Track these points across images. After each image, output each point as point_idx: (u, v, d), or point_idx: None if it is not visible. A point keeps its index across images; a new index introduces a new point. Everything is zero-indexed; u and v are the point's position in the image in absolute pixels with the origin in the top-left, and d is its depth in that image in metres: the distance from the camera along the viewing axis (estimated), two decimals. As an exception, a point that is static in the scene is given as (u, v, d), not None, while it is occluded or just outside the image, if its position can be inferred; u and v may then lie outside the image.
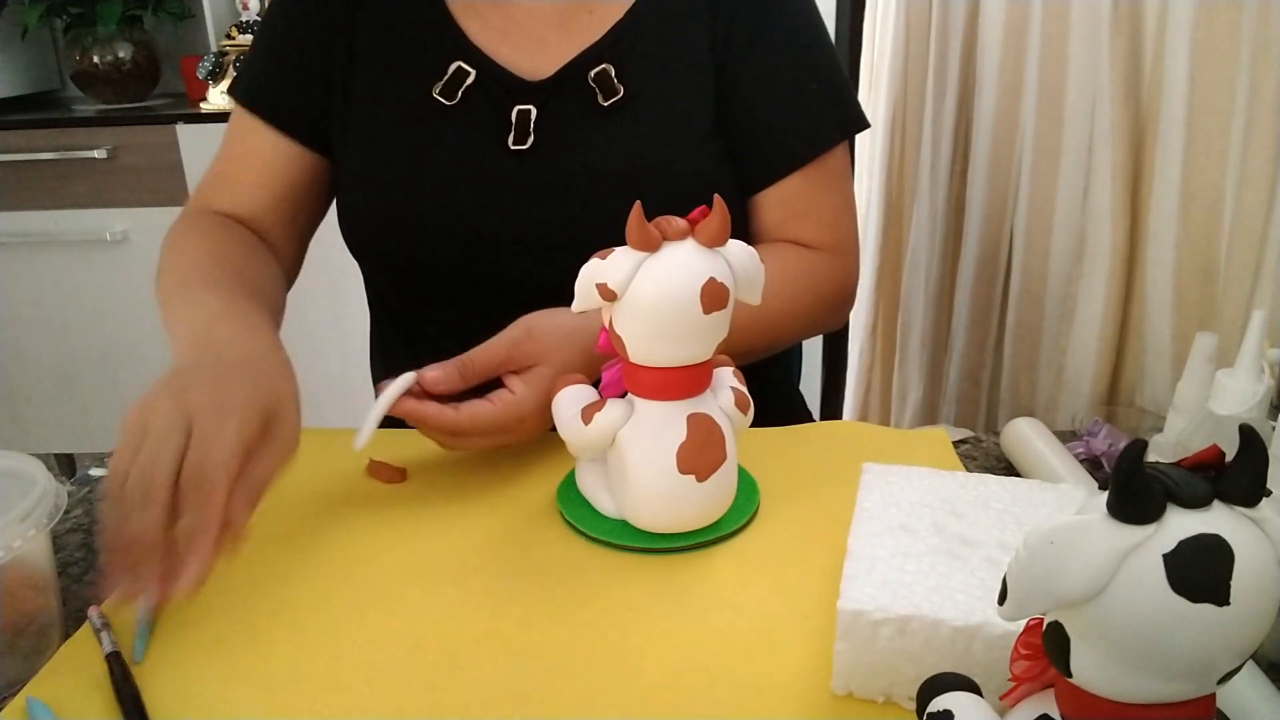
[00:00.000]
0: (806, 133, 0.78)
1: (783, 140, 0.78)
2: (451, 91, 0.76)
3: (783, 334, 0.78)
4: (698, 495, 0.57)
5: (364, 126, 0.78)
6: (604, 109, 0.75)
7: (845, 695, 0.46)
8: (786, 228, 0.79)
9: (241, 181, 0.81)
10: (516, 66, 0.76)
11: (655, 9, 0.77)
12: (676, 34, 0.76)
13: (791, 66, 0.78)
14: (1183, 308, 1.09)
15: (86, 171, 1.80)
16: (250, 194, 0.80)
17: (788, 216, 0.79)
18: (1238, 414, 0.61)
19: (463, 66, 0.76)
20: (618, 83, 0.75)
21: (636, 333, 0.53)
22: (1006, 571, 0.31)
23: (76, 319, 1.92)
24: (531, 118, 0.75)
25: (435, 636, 0.51)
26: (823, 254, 0.79)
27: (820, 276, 0.79)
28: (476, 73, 0.76)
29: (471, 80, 0.76)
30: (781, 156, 0.78)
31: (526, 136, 0.75)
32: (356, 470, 0.68)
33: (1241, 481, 0.29)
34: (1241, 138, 1.00)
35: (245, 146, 0.81)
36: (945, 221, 1.31)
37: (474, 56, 0.76)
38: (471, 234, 0.76)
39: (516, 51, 0.77)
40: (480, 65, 0.76)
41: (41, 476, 0.50)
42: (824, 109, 0.79)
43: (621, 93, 0.75)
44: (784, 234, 0.79)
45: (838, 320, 0.85)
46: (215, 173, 0.82)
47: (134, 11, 1.95)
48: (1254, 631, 0.29)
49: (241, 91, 0.81)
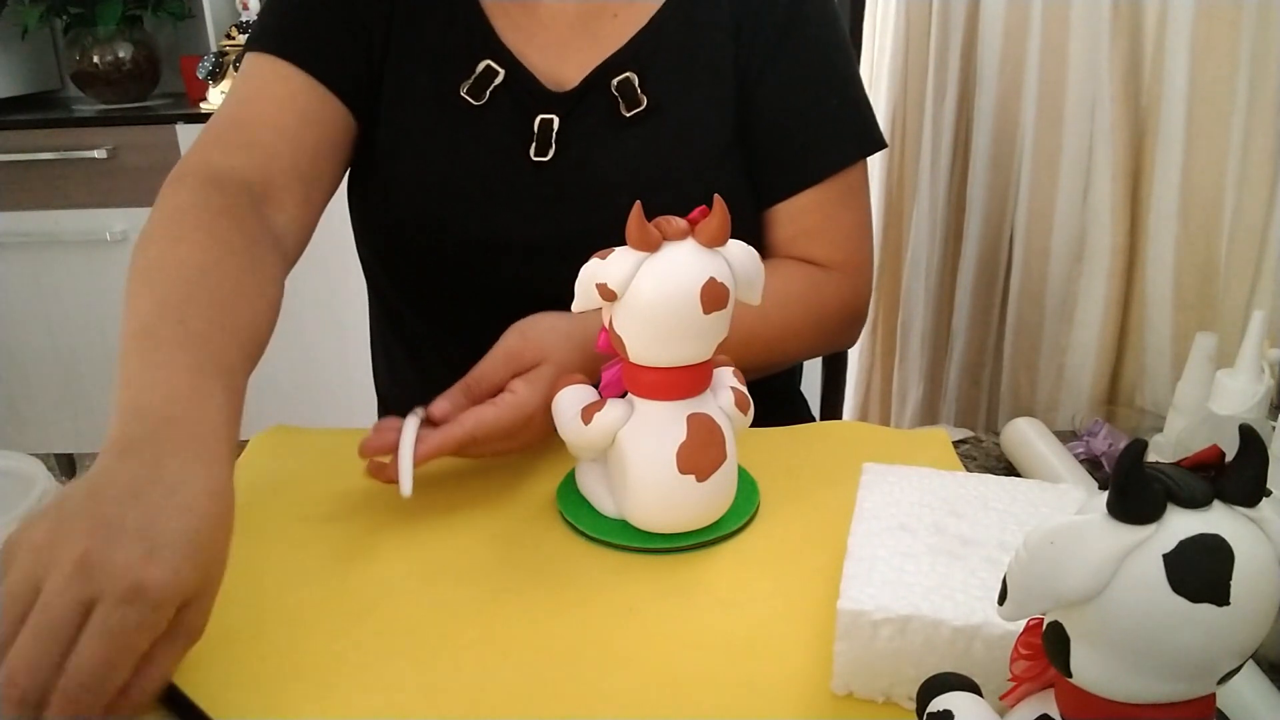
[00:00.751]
0: (824, 150, 0.77)
1: (799, 156, 0.77)
2: (479, 91, 0.75)
3: (783, 352, 0.77)
4: (698, 495, 0.57)
5: (390, 115, 0.77)
6: (626, 119, 0.74)
7: (845, 695, 0.46)
8: (798, 244, 0.79)
9: (259, 127, 0.71)
10: (541, 71, 0.76)
11: (679, 17, 0.76)
12: (700, 43, 0.76)
13: (813, 82, 0.77)
14: (1183, 308, 1.08)
15: (86, 171, 1.80)
16: (267, 144, 0.70)
17: (799, 233, 0.79)
18: (1238, 414, 0.61)
19: (491, 66, 0.75)
20: (640, 93, 0.74)
21: (636, 333, 0.53)
22: (1006, 571, 0.31)
23: (76, 319, 1.92)
24: (554, 128, 0.75)
25: (435, 636, 0.51)
26: (831, 273, 0.79)
27: (826, 295, 0.78)
28: (505, 73, 0.75)
29: (499, 81, 0.75)
30: (797, 172, 0.77)
31: (548, 148, 0.75)
32: (357, 470, 0.68)
33: (1241, 481, 0.29)
34: (1241, 138, 1.00)
35: (267, 92, 0.72)
36: (945, 221, 1.31)
37: (503, 56, 0.76)
38: (485, 238, 0.76)
39: (541, 55, 0.76)
40: (508, 66, 0.75)
41: (41, 476, 0.50)
42: (843, 127, 0.78)
43: (644, 104, 0.74)
44: (795, 250, 0.79)
45: (847, 340, 0.84)
46: (226, 118, 0.72)
47: (134, 11, 1.95)
48: (1254, 631, 0.29)
49: (269, 39, 0.73)
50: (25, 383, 1.97)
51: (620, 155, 0.75)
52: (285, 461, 0.70)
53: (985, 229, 1.26)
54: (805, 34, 0.77)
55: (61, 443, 2.05)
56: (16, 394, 1.98)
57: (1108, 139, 1.08)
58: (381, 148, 0.77)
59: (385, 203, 0.78)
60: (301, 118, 0.72)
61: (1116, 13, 1.05)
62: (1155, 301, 1.11)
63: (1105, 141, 1.09)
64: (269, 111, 0.71)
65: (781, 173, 0.78)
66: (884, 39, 1.31)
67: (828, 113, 0.78)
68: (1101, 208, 1.11)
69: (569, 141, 0.75)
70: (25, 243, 1.85)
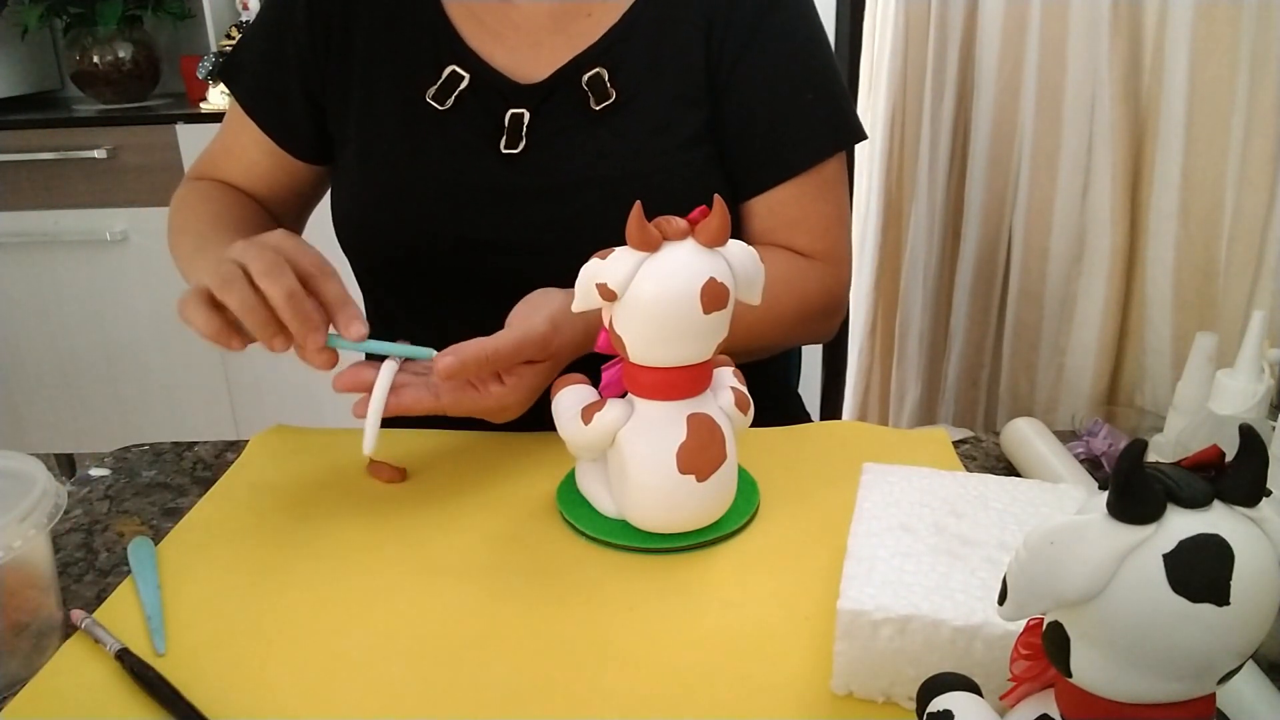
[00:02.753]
0: (800, 142, 0.77)
1: (776, 149, 0.77)
2: (444, 96, 0.76)
3: (766, 337, 0.77)
4: (698, 495, 0.57)
5: (358, 128, 0.79)
6: (596, 113, 0.75)
7: (845, 695, 0.46)
8: (777, 235, 0.79)
9: (237, 168, 0.86)
10: (511, 70, 0.76)
11: (652, 13, 0.76)
12: (672, 39, 0.76)
13: (788, 75, 0.77)
14: (1183, 308, 1.09)
15: (86, 171, 1.80)
16: (247, 180, 0.86)
17: (778, 225, 0.79)
18: (1238, 414, 0.61)
19: (456, 71, 0.76)
20: (610, 87, 0.75)
21: (636, 333, 0.53)
22: (1006, 571, 0.31)
23: (76, 319, 1.92)
24: (524, 121, 0.75)
25: (435, 636, 0.51)
26: (814, 261, 0.79)
27: (809, 283, 0.78)
28: (470, 77, 0.76)
29: (465, 85, 0.76)
30: (774, 165, 0.77)
31: (519, 141, 0.75)
32: (357, 470, 0.68)
33: (1241, 481, 0.29)
34: (1241, 138, 1.00)
35: (241, 140, 0.85)
36: (944, 221, 1.31)
37: (468, 60, 0.76)
38: (461, 236, 0.76)
39: (511, 55, 0.77)
40: (474, 69, 0.76)
41: (41, 476, 0.50)
42: (819, 119, 0.78)
43: (614, 97, 0.75)
44: (774, 241, 0.79)
45: (826, 330, 0.84)
46: (217, 150, 0.87)
47: (134, 11, 1.95)
48: (1254, 631, 0.29)
49: (240, 89, 0.84)
50: (25, 383, 1.97)
51: (591, 148, 0.75)
52: (285, 461, 0.70)
53: (984, 229, 1.26)
54: (778, 28, 0.77)
55: (61, 443, 2.05)
56: (16, 394, 1.98)
57: (1107, 139, 1.08)
58: (352, 156, 0.79)
59: (360, 207, 0.80)
60: (269, 172, 0.85)
61: (1116, 12, 1.05)
62: (1155, 301, 1.11)
63: (1105, 141, 1.09)
64: (245, 161, 0.85)
65: (759, 166, 0.78)
66: (884, 39, 1.31)
67: (803, 106, 0.78)
68: (1101, 208, 1.11)
69: (539, 135, 0.75)
70: (25, 243, 1.85)
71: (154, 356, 1.93)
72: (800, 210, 0.79)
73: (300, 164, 0.85)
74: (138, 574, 0.56)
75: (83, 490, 0.68)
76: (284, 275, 0.57)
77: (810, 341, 0.89)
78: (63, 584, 0.56)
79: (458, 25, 0.77)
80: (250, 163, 0.85)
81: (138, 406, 1.98)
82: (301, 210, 0.90)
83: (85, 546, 0.61)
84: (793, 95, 0.77)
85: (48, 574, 0.52)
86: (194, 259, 0.75)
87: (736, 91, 0.76)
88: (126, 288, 1.89)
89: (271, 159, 0.84)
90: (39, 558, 0.51)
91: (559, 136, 0.75)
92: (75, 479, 0.69)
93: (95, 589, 0.56)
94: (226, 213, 0.80)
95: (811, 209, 0.79)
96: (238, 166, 0.86)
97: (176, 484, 0.68)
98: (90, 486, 0.68)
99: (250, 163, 0.85)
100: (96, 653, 0.50)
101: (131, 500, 0.66)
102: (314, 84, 0.81)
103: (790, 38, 0.78)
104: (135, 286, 1.88)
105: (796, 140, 0.77)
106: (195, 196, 0.83)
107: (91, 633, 0.50)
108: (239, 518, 0.63)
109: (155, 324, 1.91)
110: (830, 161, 0.79)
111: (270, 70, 0.82)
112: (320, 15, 0.79)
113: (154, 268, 1.87)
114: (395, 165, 0.77)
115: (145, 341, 1.92)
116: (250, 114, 0.83)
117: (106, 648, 0.49)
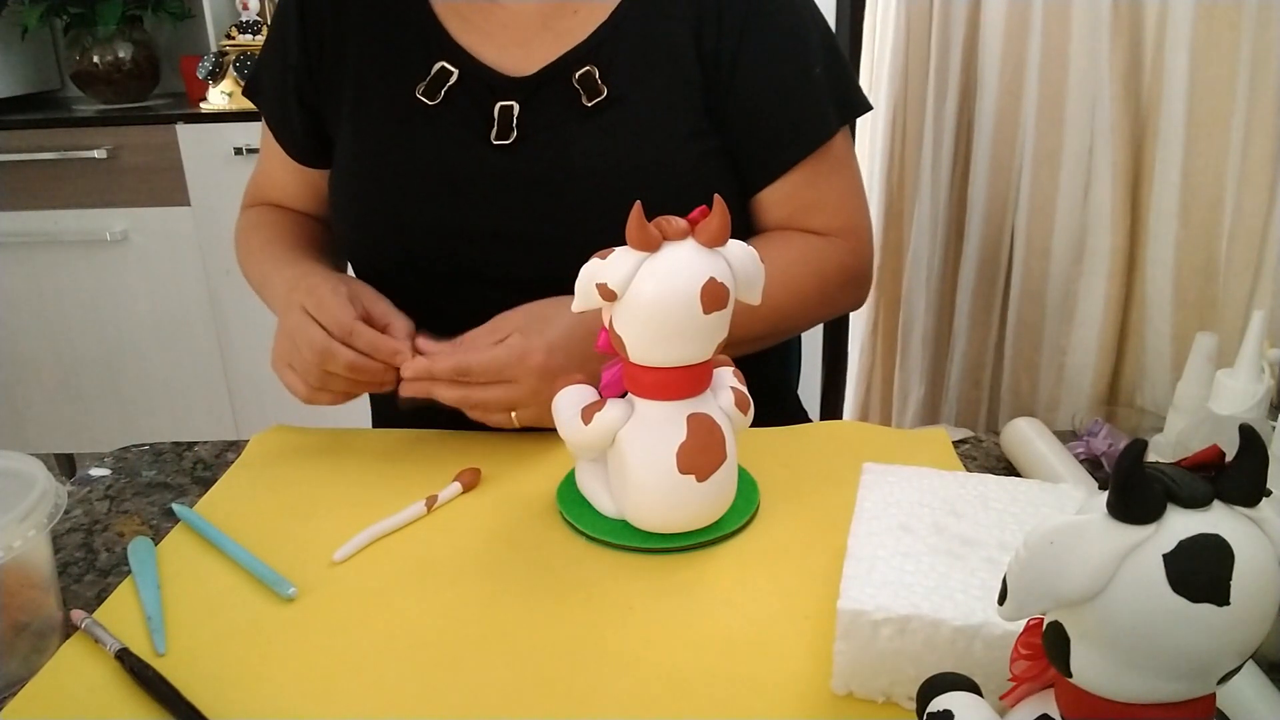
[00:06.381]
0: (805, 123, 0.77)
1: (782, 135, 0.77)
2: (434, 91, 0.76)
3: (789, 318, 0.77)
4: (698, 495, 0.57)
5: (352, 126, 0.79)
6: (587, 109, 0.75)
7: (845, 695, 0.46)
8: (794, 222, 0.79)
9: (274, 187, 0.91)
10: (499, 65, 0.77)
11: (640, 8, 0.76)
12: (662, 33, 0.76)
13: (787, 58, 0.77)
14: (1183, 308, 1.08)
15: (86, 171, 1.81)
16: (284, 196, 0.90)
17: (795, 211, 0.79)
18: (1238, 414, 0.61)
19: (445, 66, 0.76)
20: (601, 83, 0.75)
21: (636, 333, 0.53)
22: (1006, 571, 0.31)
23: (76, 319, 1.92)
24: (514, 114, 0.75)
25: (435, 636, 0.51)
26: (831, 239, 0.79)
27: (825, 259, 0.78)
28: (459, 72, 0.76)
29: (454, 80, 0.76)
30: (782, 152, 0.77)
31: (509, 132, 0.75)
32: (357, 470, 0.68)
33: (1241, 481, 0.29)
34: (1241, 138, 1.00)
35: (271, 159, 0.89)
36: (946, 221, 1.31)
37: (457, 56, 0.77)
38: (454, 228, 0.77)
39: (500, 52, 0.77)
40: (463, 65, 0.76)
41: (41, 476, 0.50)
42: (821, 98, 0.78)
43: (605, 93, 0.75)
44: (793, 227, 0.79)
45: (855, 300, 0.84)
46: (258, 172, 0.93)
47: (134, 11, 1.95)
48: (1254, 631, 0.29)
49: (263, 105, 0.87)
50: (25, 383, 1.97)
51: (583, 143, 0.75)
52: (285, 461, 0.70)
53: (986, 229, 1.26)
54: (771, 13, 0.77)
55: (61, 443, 2.05)
56: (16, 394, 1.98)
57: (1108, 139, 1.08)
58: (347, 154, 0.80)
59: (355, 202, 0.80)
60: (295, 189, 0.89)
61: (1116, 13, 1.05)
62: (1155, 301, 1.11)
63: (1105, 141, 1.09)
64: (277, 184, 0.90)
65: (767, 155, 0.78)
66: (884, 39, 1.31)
67: (805, 86, 0.78)
68: (1102, 208, 1.11)
69: (531, 128, 0.75)
70: (25, 243, 1.85)
71: (154, 356, 1.93)
72: (815, 193, 0.79)
73: (315, 172, 0.86)
74: (138, 574, 0.56)
75: (83, 490, 0.68)
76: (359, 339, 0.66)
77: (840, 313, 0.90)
78: (63, 584, 0.56)
79: (446, 24, 0.78)
80: (281, 179, 0.89)
81: (138, 406, 1.98)
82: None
83: (85, 546, 0.61)
84: (795, 76, 0.77)
85: (48, 574, 0.52)
86: (262, 292, 0.81)
87: (739, 81, 0.76)
88: (126, 288, 1.89)
89: (292, 172, 0.87)
90: (39, 558, 0.51)
91: (550, 131, 0.75)
92: (75, 479, 0.69)
93: (95, 589, 0.56)
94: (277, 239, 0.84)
95: (826, 189, 0.79)
96: (274, 185, 0.90)
97: (176, 484, 0.68)
98: (90, 486, 0.68)
99: (281, 179, 0.89)
100: (96, 653, 0.50)
101: (131, 500, 0.66)
102: (307, 91, 0.82)
103: (785, 17, 0.78)
104: (135, 286, 1.88)
105: (800, 121, 0.78)
106: (248, 226, 0.88)
107: (91, 633, 0.50)
108: (237, 517, 0.63)
109: (155, 324, 1.91)
110: (837, 138, 0.79)
111: (277, 84, 0.84)
112: (313, 22, 0.80)
113: (154, 268, 1.87)
114: (388, 160, 0.78)
115: (145, 341, 1.92)
116: (271, 129, 0.86)
117: (106, 648, 0.49)
